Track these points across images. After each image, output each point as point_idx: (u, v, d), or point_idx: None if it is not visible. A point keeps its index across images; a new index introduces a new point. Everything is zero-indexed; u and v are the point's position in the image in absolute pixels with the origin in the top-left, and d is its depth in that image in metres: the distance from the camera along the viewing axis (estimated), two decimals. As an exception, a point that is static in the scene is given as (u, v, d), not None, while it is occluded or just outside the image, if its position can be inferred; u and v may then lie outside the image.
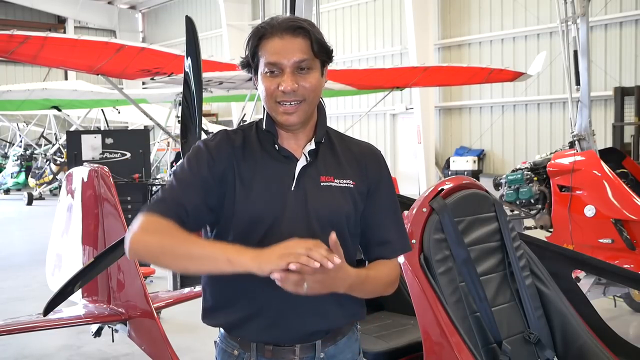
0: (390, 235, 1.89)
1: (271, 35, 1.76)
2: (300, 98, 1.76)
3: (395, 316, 3.24)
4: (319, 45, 1.77)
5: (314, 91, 1.79)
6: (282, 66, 1.75)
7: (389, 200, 1.92)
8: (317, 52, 1.77)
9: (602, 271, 3.21)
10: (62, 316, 4.23)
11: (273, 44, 1.75)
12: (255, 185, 1.80)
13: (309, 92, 1.77)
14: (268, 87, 1.76)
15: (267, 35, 1.76)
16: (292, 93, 1.75)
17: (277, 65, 1.75)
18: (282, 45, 1.74)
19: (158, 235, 1.68)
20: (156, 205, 1.75)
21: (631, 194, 5.23)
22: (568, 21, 6.04)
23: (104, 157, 9.16)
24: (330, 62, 1.85)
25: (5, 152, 22.51)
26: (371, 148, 1.96)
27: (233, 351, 1.89)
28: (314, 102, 1.83)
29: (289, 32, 1.75)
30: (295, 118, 1.78)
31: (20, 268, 8.97)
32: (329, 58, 1.83)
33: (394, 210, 1.92)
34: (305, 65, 1.76)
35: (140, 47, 7.32)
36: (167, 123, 11.82)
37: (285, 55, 1.74)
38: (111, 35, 29.03)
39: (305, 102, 1.78)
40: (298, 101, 1.76)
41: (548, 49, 14.00)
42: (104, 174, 4.34)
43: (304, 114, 1.80)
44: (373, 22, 19.98)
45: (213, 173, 1.79)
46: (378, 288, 1.86)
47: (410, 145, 18.32)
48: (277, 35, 1.75)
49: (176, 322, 5.85)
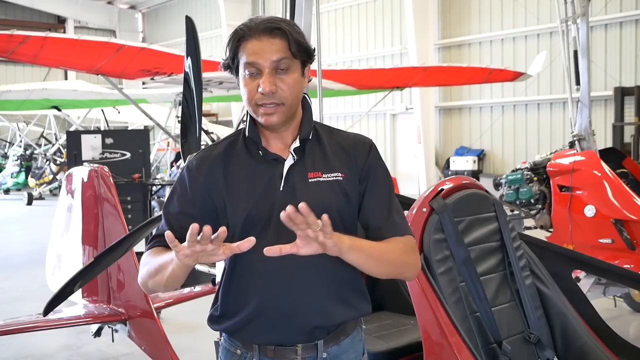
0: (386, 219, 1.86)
1: (249, 36, 1.77)
2: (278, 101, 1.77)
3: (395, 316, 3.24)
4: (297, 45, 1.77)
5: (292, 93, 1.79)
6: (260, 67, 1.75)
7: (381, 186, 1.89)
8: (295, 52, 1.77)
9: (602, 271, 3.22)
10: (62, 316, 4.23)
11: (251, 45, 1.76)
12: (243, 191, 1.82)
13: (287, 95, 1.78)
14: (249, 91, 1.78)
15: (246, 37, 1.77)
16: (271, 95, 1.75)
17: (255, 65, 1.75)
18: (260, 46, 1.75)
19: (146, 267, 1.82)
20: (151, 241, 1.88)
21: (631, 194, 5.23)
22: (568, 21, 6.04)
23: (104, 157, 9.15)
24: (311, 61, 1.85)
25: (5, 152, 22.50)
26: (361, 138, 1.94)
27: (236, 351, 1.91)
28: (295, 104, 1.83)
29: (266, 33, 1.76)
30: (275, 119, 1.79)
31: (20, 268, 8.97)
32: (309, 58, 1.83)
33: (388, 195, 1.89)
34: (283, 66, 1.76)
35: (140, 47, 7.33)
36: (167, 123, 11.81)
37: (263, 56, 1.75)
38: (111, 35, 29.03)
39: (284, 106, 1.78)
40: (276, 104, 1.77)
41: (548, 49, 14.00)
42: (104, 174, 4.34)
43: (284, 115, 1.80)
44: (373, 22, 19.97)
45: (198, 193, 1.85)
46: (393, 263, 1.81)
47: (410, 145, 18.31)
48: (255, 37, 1.76)
49: (176, 322, 5.85)
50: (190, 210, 1.84)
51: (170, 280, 1.73)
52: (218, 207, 1.84)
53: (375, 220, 1.86)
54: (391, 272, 1.85)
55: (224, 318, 1.90)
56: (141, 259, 1.85)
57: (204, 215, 1.83)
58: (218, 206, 1.84)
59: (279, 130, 1.85)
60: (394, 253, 1.81)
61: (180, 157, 4.54)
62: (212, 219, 1.84)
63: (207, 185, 1.85)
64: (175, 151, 13.62)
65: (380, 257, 1.78)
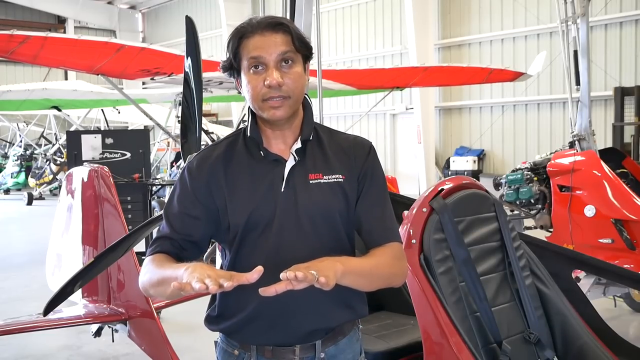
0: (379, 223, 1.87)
1: (252, 33, 1.77)
2: (285, 94, 1.76)
3: (395, 316, 3.24)
4: (299, 41, 1.78)
5: (297, 87, 1.79)
6: (265, 61, 1.75)
7: (377, 189, 1.89)
8: (298, 46, 1.78)
9: (602, 271, 3.22)
10: (62, 316, 4.23)
11: (254, 41, 1.76)
12: (244, 192, 1.81)
13: (293, 89, 1.77)
14: (255, 86, 1.76)
15: (248, 35, 1.77)
16: (278, 88, 1.75)
17: (259, 59, 1.75)
18: (264, 41, 1.75)
19: (148, 275, 1.78)
20: (152, 245, 1.85)
21: (631, 194, 5.23)
22: (568, 21, 6.04)
23: (104, 157, 9.14)
24: (311, 58, 1.86)
25: (5, 152, 22.51)
26: (360, 140, 1.94)
27: (234, 351, 1.90)
28: (299, 98, 1.83)
29: (269, 28, 1.76)
30: (282, 112, 1.78)
31: (20, 268, 8.97)
32: (310, 54, 1.84)
33: (382, 199, 1.90)
34: (288, 57, 1.76)
35: (140, 47, 7.32)
36: (167, 123, 11.80)
37: (268, 50, 1.75)
38: (111, 35, 29.02)
39: (290, 99, 1.78)
40: (283, 97, 1.76)
41: (548, 49, 14.00)
42: (104, 174, 4.34)
43: (290, 109, 1.80)
44: (373, 22, 19.97)
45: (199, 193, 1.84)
46: (382, 276, 1.82)
47: (410, 145, 18.31)
48: (258, 33, 1.76)
49: (176, 322, 5.85)
50: (191, 210, 1.84)
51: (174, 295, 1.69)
52: (219, 207, 1.83)
53: (368, 223, 1.86)
54: (380, 285, 1.85)
55: (221, 318, 1.89)
56: (143, 263, 1.83)
57: (204, 215, 1.83)
58: (219, 206, 1.83)
59: (282, 127, 1.84)
60: (384, 268, 1.81)
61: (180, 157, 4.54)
62: (212, 219, 1.84)
63: (208, 186, 1.84)
64: (175, 151, 13.61)
65: (371, 274, 1.78)
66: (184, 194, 1.86)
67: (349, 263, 1.70)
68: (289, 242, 1.79)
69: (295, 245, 1.79)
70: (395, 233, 1.89)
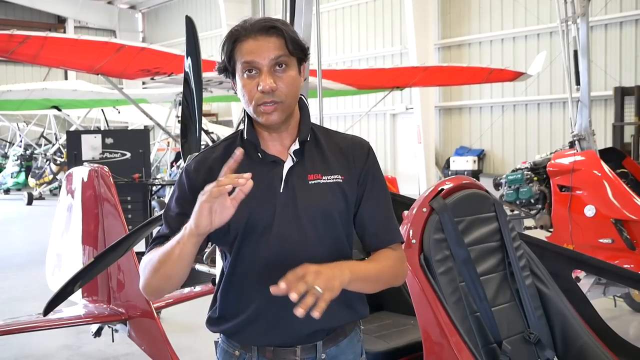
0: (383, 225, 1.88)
1: (245, 37, 1.76)
2: (278, 100, 1.76)
3: (395, 316, 3.24)
4: (293, 44, 1.78)
5: (290, 91, 1.79)
6: (258, 65, 1.75)
7: (380, 191, 1.90)
8: (292, 50, 1.77)
9: (602, 271, 3.21)
10: (62, 316, 4.23)
11: (248, 45, 1.76)
12: None
13: (286, 94, 1.77)
14: (249, 91, 1.77)
15: (241, 38, 1.77)
16: (271, 93, 1.75)
17: (253, 64, 1.75)
18: (257, 45, 1.75)
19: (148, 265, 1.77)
20: (151, 244, 1.85)
21: (631, 194, 5.23)
22: (568, 21, 6.04)
23: (104, 157, 9.14)
24: (306, 60, 1.85)
25: (5, 152, 22.50)
26: (358, 140, 1.94)
27: (234, 352, 1.90)
28: (293, 102, 1.83)
29: (262, 32, 1.76)
30: (276, 117, 1.78)
31: (20, 268, 8.97)
32: (305, 56, 1.84)
33: (385, 201, 1.90)
34: (282, 61, 1.76)
35: (140, 47, 7.32)
36: (167, 123, 11.80)
37: (261, 55, 1.74)
38: (111, 35, 29.04)
39: (282, 104, 1.78)
40: (275, 102, 1.76)
41: (548, 49, 14.00)
42: (104, 174, 4.34)
43: (283, 113, 1.80)
44: (373, 22, 19.97)
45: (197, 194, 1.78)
46: (386, 280, 1.84)
47: (410, 145, 18.31)
48: (251, 37, 1.76)
49: (176, 322, 5.85)
50: (189, 212, 1.83)
51: (178, 266, 1.69)
52: None
53: (373, 225, 1.87)
54: (382, 288, 1.86)
55: (222, 320, 1.89)
56: (140, 263, 1.82)
57: None
58: None
59: (278, 130, 1.84)
60: (389, 271, 1.83)
61: (180, 157, 4.54)
62: None
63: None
64: (175, 151, 13.62)
65: (376, 279, 1.80)
66: (182, 195, 1.86)
67: (356, 270, 1.71)
68: (289, 242, 1.79)
69: (295, 245, 1.79)
70: (398, 233, 1.91)
